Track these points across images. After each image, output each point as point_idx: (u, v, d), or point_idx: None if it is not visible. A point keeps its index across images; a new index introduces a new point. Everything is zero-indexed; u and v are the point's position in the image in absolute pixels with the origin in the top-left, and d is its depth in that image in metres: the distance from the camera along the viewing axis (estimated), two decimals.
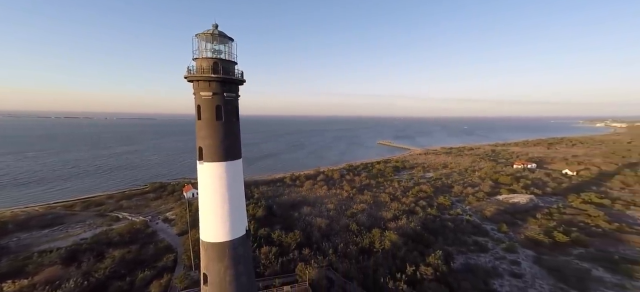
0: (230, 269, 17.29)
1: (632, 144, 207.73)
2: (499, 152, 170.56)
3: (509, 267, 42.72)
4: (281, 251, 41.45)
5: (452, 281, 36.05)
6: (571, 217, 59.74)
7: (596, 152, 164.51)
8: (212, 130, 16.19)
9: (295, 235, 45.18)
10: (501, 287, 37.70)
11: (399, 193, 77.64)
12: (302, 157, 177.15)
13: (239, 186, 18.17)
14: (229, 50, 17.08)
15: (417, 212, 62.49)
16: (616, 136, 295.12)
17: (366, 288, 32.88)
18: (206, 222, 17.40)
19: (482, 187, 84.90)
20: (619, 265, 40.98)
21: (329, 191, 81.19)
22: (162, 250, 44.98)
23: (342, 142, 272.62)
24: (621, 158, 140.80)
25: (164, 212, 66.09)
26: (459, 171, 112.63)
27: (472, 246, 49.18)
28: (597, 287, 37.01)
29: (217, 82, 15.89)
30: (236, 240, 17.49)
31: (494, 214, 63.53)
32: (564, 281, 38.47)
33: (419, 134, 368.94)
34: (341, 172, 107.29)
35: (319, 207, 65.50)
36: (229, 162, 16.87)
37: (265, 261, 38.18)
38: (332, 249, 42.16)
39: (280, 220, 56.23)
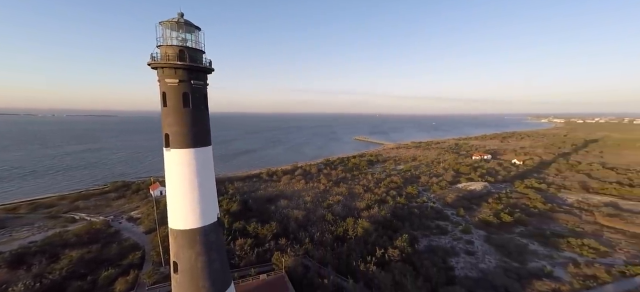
0: (202, 255, 16.99)
1: (567, 136, 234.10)
2: (461, 146, 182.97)
3: (465, 246, 47.08)
4: (257, 242, 41.59)
5: (416, 261, 39.24)
6: (516, 201, 66.83)
7: (539, 144, 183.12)
8: (179, 117, 15.85)
9: (271, 226, 45.41)
10: (457, 264, 41.65)
11: (372, 185, 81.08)
12: (280, 153, 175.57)
13: (209, 173, 17.80)
14: (195, 39, 16.73)
15: (388, 201, 66.04)
16: (556, 130, 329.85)
17: (340, 272, 34.73)
18: (175, 210, 16.94)
19: (445, 177, 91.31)
20: (549, 239, 47.20)
21: (306, 184, 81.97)
22: (128, 248, 42.70)
23: (320, 138, 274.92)
24: (557, 149, 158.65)
25: (128, 211, 62.47)
26: (426, 163, 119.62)
27: (435, 229, 53.38)
28: (533, 258, 42.36)
29: (183, 70, 15.60)
30: (207, 227, 17.21)
31: (454, 200, 69.00)
32: (507, 255, 43.51)
33: (392, 130, 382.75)
34: (319, 166, 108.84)
35: (297, 200, 66.12)
36: (198, 149, 16.51)
37: (240, 253, 38.09)
38: (308, 238, 43.30)
39: (257, 214, 55.74)
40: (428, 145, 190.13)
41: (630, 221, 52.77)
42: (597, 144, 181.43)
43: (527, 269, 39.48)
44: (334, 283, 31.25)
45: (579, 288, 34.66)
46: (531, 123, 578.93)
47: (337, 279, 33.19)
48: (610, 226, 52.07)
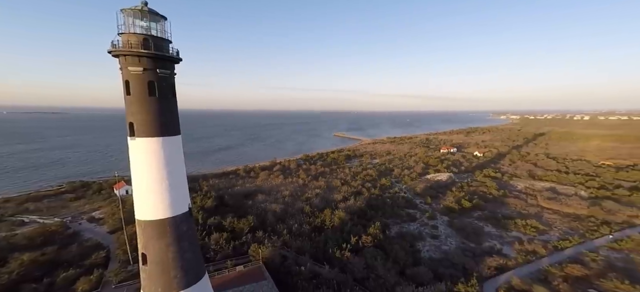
0: (173, 246, 16.54)
1: (521, 131, 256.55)
2: (431, 140, 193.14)
3: (430, 231, 50.67)
4: (234, 236, 41.07)
5: (387, 246, 41.69)
6: (475, 188, 72.79)
7: (497, 138, 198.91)
8: (145, 105, 15.36)
9: (248, 220, 44.98)
10: (423, 247, 44.80)
11: (349, 178, 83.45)
12: (259, 149, 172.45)
13: (179, 162, 17.39)
14: (161, 28, 16.26)
15: (363, 193, 68.64)
16: (512, 126, 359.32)
17: (317, 259, 35.89)
18: (142, 200, 16.35)
19: (415, 169, 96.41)
20: (500, 221, 52.35)
21: (285, 179, 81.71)
22: (90, 248, 40.21)
23: (300, 134, 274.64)
24: (512, 142, 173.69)
25: (89, 212, 58.31)
26: (399, 157, 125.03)
27: (405, 217, 56.65)
28: (487, 239, 46.83)
29: (148, 58, 15.14)
30: (178, 217, 16.74)
31: (423, 190, 73.35)
32: (466, 237, 47.65)
33: (369, 126, 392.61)
34: (298, 162, 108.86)
35: (275, 194, 65.84)
36: (165, 138, 16.07)
37: (216, 247, 37.50)
38: (286, 230, 43.66)
39: (233, 209, 54.61)
40: (402, 140, 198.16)
41: (564, 203, 60.08)
42: (544, 137, 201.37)
43: (481, 248, 43.68)
44: (311, 270, 32.40)
45: (522, 262, 39.07)
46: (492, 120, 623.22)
47: (314, 266, 34.39)
48: (549, 208, 58.92)
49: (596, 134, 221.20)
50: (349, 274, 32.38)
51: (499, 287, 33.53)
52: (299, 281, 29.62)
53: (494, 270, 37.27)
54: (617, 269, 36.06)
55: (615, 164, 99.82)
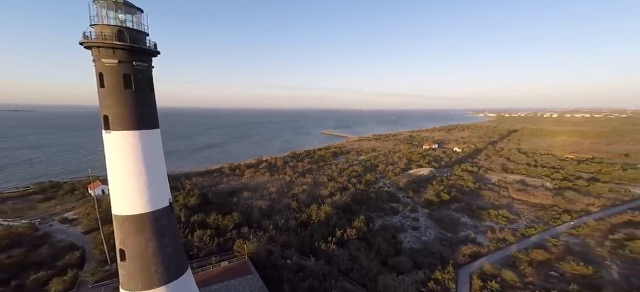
0: (153, 241, 16.16)
1: (496, 128, 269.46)
2: (414, 137, 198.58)
3: (412, 223, 52.52)
4: (218, 233, 40.62)
5: (370, 238, 42.98)
6: (453, 182, 76.07)
7: (475, 135, 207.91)
8: (120, 98, 14.87)
9: (233, 217, 44.55)
10: (405, 238, 46.40)
11: (335, 174, 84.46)
12: (246, 147, 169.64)
13: (158, 156, 17.01)
14: (137, 20, 15.78)
15: (349, 188, 69.82)
16: (489, 123, 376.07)
17: (303, 253, 36.45)
18: (119, 195, 15.80)
19: (399, 165, 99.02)
20: (475, 212, 55.25)
21: (271, 177, 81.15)
22: (63, 249, 38.62)
23: (288, 132, 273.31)
24: (488, 138, 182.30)
25: (61, 213, 55.64)
26: (384, 153, 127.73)
27: (388, 210, 58.32)
28: (463, 229, 49.29)
29: (124, 50, 14.67)
30: (158, 211, 16.41)
31: (405, 184, 75.57)
32: (444, 227, 49.93)
33: (356, 124, 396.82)
34: (285, 159, 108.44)
35: (261, 191, 65.32)
36: (143, 131, 15.67)
37: (199, 244, 36.92)
38: (272, 225, 43.63)
39: (217, 206, 53.81)
40: (386, 137, 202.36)
41: (531, 194, 64.28)
42: (517, 134, 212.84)
43: (457, 237, 46.00)
44: (297, 263, 32.90)
45: (493, 249, 41.59)
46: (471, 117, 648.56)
47: (300, 259, 34.92)
48: (519, 199, 62.83)
49: (562, 130, 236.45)
50: (334, 266, 33.20)
51: (472, 273, 35.57)
52: (285, 274, 30.01)
53: (468, 257, 39.47)
54: (574, 252, 39.29)
55: (577, 158, 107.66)
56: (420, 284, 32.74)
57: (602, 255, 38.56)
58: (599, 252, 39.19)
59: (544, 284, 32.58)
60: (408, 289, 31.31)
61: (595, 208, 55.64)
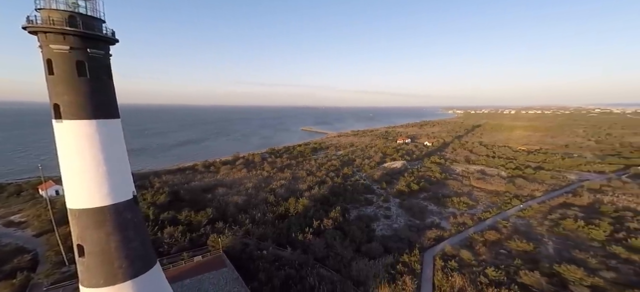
0: (115, 235, 15.47)
1: (463, 124, 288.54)
2: (390, 133, 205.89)
3: (384, 212, 55.12)
4: (190, 229, 39.45)
5: (345, 227, 44.60)
6: (423, 173, 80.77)
7: (444, 130, 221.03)
8: (73, 86, 14.04)
9: (206, 213, 43.33)
10: (377, 227, 48.71)
11: (314, 169, 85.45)
12: (222, 144, 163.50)
13: (119, 147, 16.32)
14: (92, 6, 14.91)
15: (327, 182, 71.26)
16: (456, 119, 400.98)
17: (280, 244, 36.91)
18: (74, 187, 14.81)
19: (374, 159, 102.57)
20: (441, 200, 59.47)
21: (248, 173, 79.46)
22: (10, 253, 35.74)
23: (267, 129, 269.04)
24: (455, 133, 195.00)
25: (6, 216, 51.18)
26: (361, 148, 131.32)
27: (363, 201, 60.50)
28: (429, 215, 52.89)
29: (76, 36, 13.78)
30: (121, 204, 15.69)
31: (380, 177, 78.88)
32: (412, 215, 53.18)
33: (336, 121, 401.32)
34: (263, 155, 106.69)
35: (237, 187, 63.95)
36: (100, 121, 14.98)
37: (170, 241, 35.72)
38: (248, 219, 43.18)
39: (190, 203, 52.08)
40: (364, 133, 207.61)
41: (489, 182, 70.61)
42: (480, 128, 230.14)
43: (424, 223, 49.33)
44: (273, 254, 33.34)
45: (454, 233, 45.33)
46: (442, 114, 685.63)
47: (276, 250, 35.36)
48: (478, 187, 68.68)
49: (518, 125, 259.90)
50: (310, 254, 34.13)
51: (436, 255, 38.63)
52: (261, 264, 30.29)
53: (433, 241, 42.69)
54: (520, 232, 44.24)
55: (527, 149, 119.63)
56: (390, 267, 34.89)
57: (541, 233, 43.87)
58: (539, 231, 44.53)
59: (494, 261, 36.42)
60: (379, 272, 33.33)
61: (538, 193, 62.73)
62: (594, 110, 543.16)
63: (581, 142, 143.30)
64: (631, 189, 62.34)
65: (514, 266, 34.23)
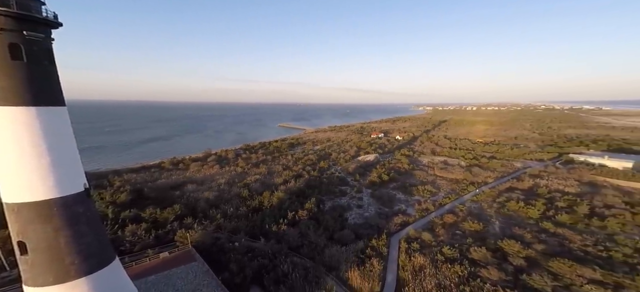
0: (65, 229, 14.49)
1: (431, 119, 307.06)
2: (365, 128, 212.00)
3: (357, 202, 57.28)
4: (156, 226, 37.80)
5: (320, 217, 45.81)
6: (393, 165, 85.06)
7: (414, 125, 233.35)
8: (5, 70, 12.86)
9: (174, 209, 41.60)
10: (350, 216, 50.62)
11: (291, 164, 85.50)
12: (193, 141, 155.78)
13: (65, 137, 15.26)
14: None
15: (304, 175, 71.98)
16: (426, 115, 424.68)
17: (254, 236, 36.83)
18: (12, 180, 13.53)
19: (349, 153, 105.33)
20: (408, 189, 63.44)
21: (221, 169, 76.90)
22: None
23: (243, 125, 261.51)
24: (424, 127, 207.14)
25: None
26: (338, 143, 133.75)
27: (338, 193, 62.26)
28: (397, 203, 56.12)
29: (9, 17, 12.53)
30: (70, 197, 14.66)
31: (354, 169, 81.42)
32: (382, 203, 56.09)
33: (313, 117, 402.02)
34: (237, 152, 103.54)
35: (209, 183, 61.71)
36: (41, 108, 13.92)
37: (132, 239, 33.94)
38: (220, 214, 42.17)
39: (155, 201, 49.54)
40: (341, 128, 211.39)
41: (450, 171, 76.75)
42: (445, 123, 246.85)
43: (392, 211, 52.37)
44: (246, 246, 33.24)
45: (418, 218, 48.82)
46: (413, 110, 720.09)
47: (249, 241, 35.19)
48: (441, 176, 74.35)
49: (478, 120, 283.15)
50: (284, 244, 34.66)
51: (401, 238, 41.45)
52: (233, 255, 30.09)
53: (399, 226, 45.63)
54: (473, 214, 49.12)
55: (484, 141, 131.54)
56: (360, 251, 36.74)
57: (490, 214, 49.15)
58: (488, 213, 49.85)
59: (450, 241, 40.14)
60: (349, 256, 35.02)
61: (490, 179, 69.81)
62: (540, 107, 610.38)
63: (527, 134, 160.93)
64: (562, 174, 72.09)
65: (466, 244, 38.03)
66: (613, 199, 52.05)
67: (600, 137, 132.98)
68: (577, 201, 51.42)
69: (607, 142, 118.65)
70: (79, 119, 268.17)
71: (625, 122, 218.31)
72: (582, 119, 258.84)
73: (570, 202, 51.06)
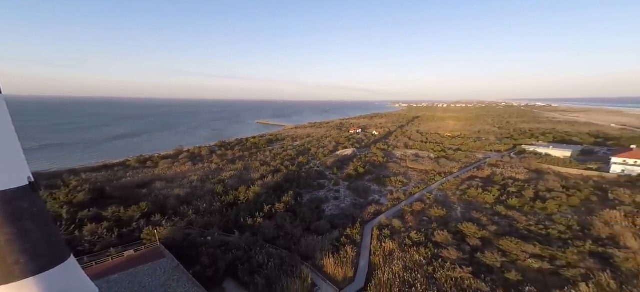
0: (6, 226, 13.46)
1: (406, 115, 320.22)
2: (344, 124, 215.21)
3: (334, 194, 58.63)
4: (120, 224, 35.93)
5: (297, 210, 46.20)
6: (369, 159, 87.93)
7: (390, 121, 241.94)
8: None
9: (140, 207, 39.58)
10: (327, 208, 51.76)
11: (269, 159, 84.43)
12: (165, 138, 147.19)
13: (3, 126, 14.02)
14: None
15: (282, 170, 71.59)
16: (401, 111, 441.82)
17: (228, 231, 36.08)
18: None
19: (328, 147, 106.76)
20: (382, 180, 66.18)
21: (194, 166, 73.72)
22: None
23: (219, 122, 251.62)
24: (399, 123, 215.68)
25: None
26: (317, 138, 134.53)
27: (316, 186, 63.02)
28: (371, 194, 58.32)
29: None
30: (10, 191, 13.60)
31: (332, 163, 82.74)
32: (358, 195, 57.92)
33: (294, 114, 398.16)
34: (212, 148, 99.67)
35: (180, 181, 59.07)
36: None
37: (92, 238, 31.91)
38: (192, 210, 40.78)
39: (119, 200, 46.76)
40: (321, 125, 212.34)
41: (420, 163, 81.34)
42: (418, 119, 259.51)
43: (367, 201, 54.32)
44: (220, 240, 32.51)
45: (390, 207, 51.32)
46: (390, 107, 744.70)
47: (223, 236, 34.42)
48: (412, 167, 78.49)
49: (448, 116, 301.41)
50: (260, 236, 34.48)
51: (374, 226, 43.36)
52: (205, 249, 29.33)
53: (373, 215, 47.60)
54: (439, 202, 52.78)
55: (451, 135, 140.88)
56: (335, 240, 37.89)
57: (453, 201, 53.21)
58: (452, 200, 53.92)
59: (418, 226, 42.85)
60: (325, 245, 35.90)
61: (455, 170, 75.27)
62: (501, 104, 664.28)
63: (489, 129, 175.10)
64: (515, 163, 80.00)
65: (431, 229, 40.92)
66: (553, 183, 59.09)
67: (547, 131, 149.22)
68: (525, 186, 57.52)
69: (553, 134, 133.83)
70: (35, 116, 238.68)
71: (568, 118, 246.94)
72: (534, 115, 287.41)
73: (520, 187, 56.98)
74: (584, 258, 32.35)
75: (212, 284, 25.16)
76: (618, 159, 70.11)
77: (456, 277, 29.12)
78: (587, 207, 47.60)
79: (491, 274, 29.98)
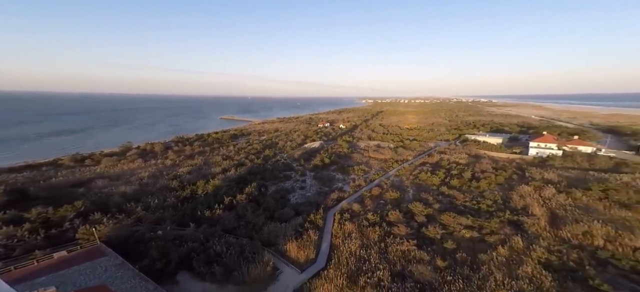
0: None
1: (371, 110, 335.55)
2: (313, 119, 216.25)
3: (300, 185, 59.17)
4: (48, 225, 31.98)
5: (261, 200, 45.60)
6: (335, 150, 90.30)
7: (357, 115, 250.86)
8: None
9: (74, 206, 35.63)
10: (293, 197, 52.27)
11: (232, 153, 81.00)
12: (115, 135, 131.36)
13: None
14: None
15: (246, 163, 69.41)
16: (367, 107, 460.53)
17: (183, 225, 34.12)
18: None
19: (296, 141, 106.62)
20: (346, 170, 68.84)
21: (145, 163, 67.66)
22: None
23: (179, 118, 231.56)
24: (364, 117, 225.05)
25: None
26: (286, 133, 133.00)
27: (282, 178, 62.76)
28: (335, 182, 60.27)
29: None
30: None
31: (299, 155, 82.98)
32: (323, 183, 59.40)
33: (262, 109, 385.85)
34: (168, 144, 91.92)
35: (127, 178, 54.17)
36: None
37: (9, 242, 27.97)
38: (141, 207, 37.83)
39: (47, 200, 41.10)
40: (289, 120, 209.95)
41: (381, 153, 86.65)
42: (382, 113, 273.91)
43: (331, 189, 56.02)
44: (172, 234, 30.58)
45: (352, 193, 53.92)
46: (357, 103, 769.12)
47: (176, 230, 32.40)
48: (374, 157, 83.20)
49: (408, 111, 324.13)
50: (219, 227, 33.27)
51: (336, 211, 45.20)
52: (154, 243, 27.35)
53: (335, 201, 49.46)
54: (394, 186, 57.18)
55: (409, 127, 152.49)
56: (299, 226, 38.58)
57: (406, 185, 58.18)
58: (406, 184, 58.90)
59: (375, 209, 45.93)
60: (288, 231, 36.33)
61: (410, 157, 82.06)
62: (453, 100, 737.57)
63: (441, 121, 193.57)
64: (459, 149, 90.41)
65: (386, 210, 44.25)
66: (486, 166, 68.55)
67: (487, 122, 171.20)
68: (464, 169, 65.59)
69: (490, 125, 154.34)
70: None
71: (503, 111, 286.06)
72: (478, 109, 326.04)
73: (460, 170, 64.80)
74: (504, 226, 38.55)
75: (163, 277, 23.59)
76: (534, 143, 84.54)
77: (403, 249, 32.25)
78: (509, 184, 56.49)
79: (432, 245, 33.91)
